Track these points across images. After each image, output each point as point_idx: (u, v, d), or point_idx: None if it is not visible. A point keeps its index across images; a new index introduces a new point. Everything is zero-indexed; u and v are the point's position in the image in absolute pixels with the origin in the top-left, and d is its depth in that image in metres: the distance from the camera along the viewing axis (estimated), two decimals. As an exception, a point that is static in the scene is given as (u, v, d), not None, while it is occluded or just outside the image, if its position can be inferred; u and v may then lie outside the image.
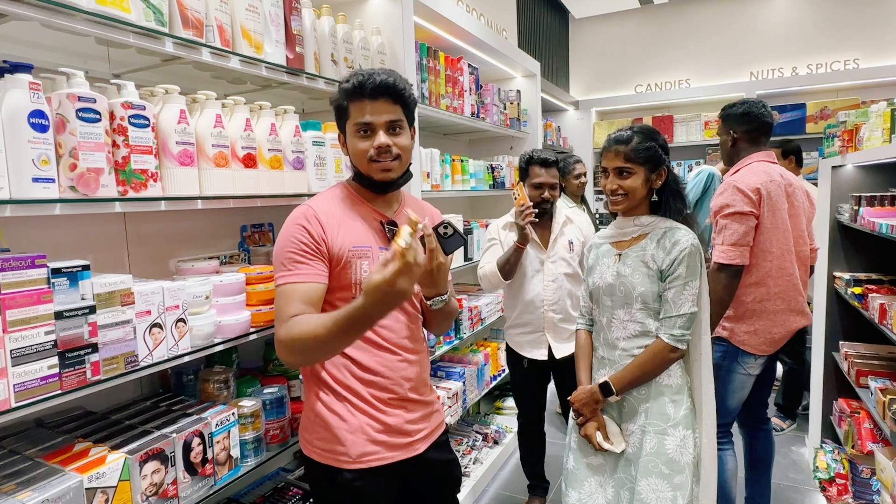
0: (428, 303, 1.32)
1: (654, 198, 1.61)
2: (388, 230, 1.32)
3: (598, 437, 1.58)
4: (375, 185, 1.32)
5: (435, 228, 1.12)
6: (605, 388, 1.58)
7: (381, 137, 1.25)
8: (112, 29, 1.15)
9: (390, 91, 1.25)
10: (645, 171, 1.56)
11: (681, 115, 5.41)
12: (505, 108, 3.40)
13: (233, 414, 1.44)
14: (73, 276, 1.07)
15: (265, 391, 1.62)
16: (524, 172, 2.32)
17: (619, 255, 1.63)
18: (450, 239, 1.12)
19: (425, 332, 1.48)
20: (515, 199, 2.21)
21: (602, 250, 1.70)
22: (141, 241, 1.62)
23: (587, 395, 1.62)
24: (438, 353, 2.54)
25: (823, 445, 2.85)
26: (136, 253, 1.60)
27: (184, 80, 1.60)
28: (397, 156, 1.28)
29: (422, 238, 1.05)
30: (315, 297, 1.22)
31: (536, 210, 2.20)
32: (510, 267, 2.23)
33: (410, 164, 1.36)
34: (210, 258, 1.68)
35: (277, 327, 1.18)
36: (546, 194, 2.29)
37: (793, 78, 5.00)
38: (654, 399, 1.56)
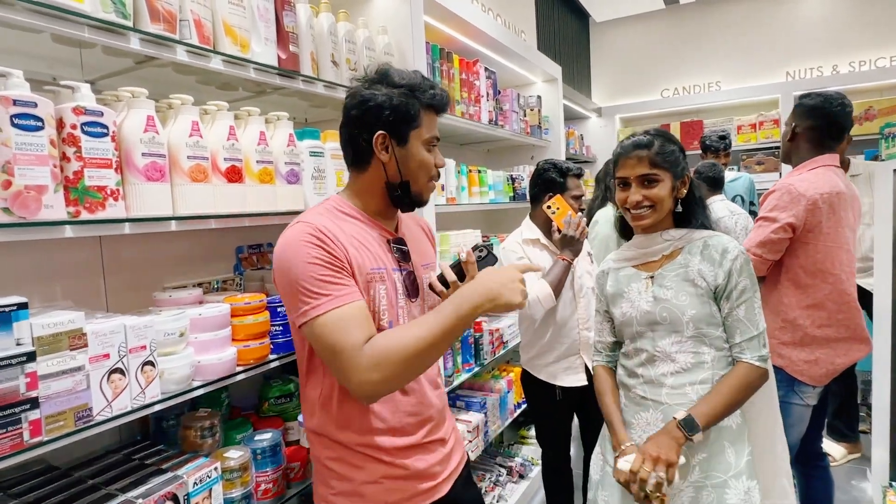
0: None
1: (679, 208, 1.42)
2: (396, 248, 1.19)
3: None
4: (413, 204, 1.19)
5: (473, 249, 1.16)
6: (687, 425, 1.25)
7: (440, 157, 1.20)
8: (61, 21, 0.98)
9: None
10: (671, 178, 1.37)
11: (711, 119, 5.11)
12: (525, 115, 3.19)
13: (215, 469, 1.23)
14: (6, 316, 0.89)
15: (256, 437, 1.42)
16: (560, 186, 2.10)
17: (652, 277, 1.41)
18: (483, 260, 1.17)
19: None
20: (554, 213, 2.03)
21: (624, 274, 1.47)
22: (120, 268, 1.43)
23: (667, 438, 1.26)
24: (457, 381, 2.30)
25: (893, 484, 2.52)
26: (115, 281, 1.42)
27: (165, 86, 1.42)
28: None
29: (457, 266, 1.14)
30: (370, 318, 1.05)
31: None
32: (561, 287, 2.02)
33: None
34: (198, 284, 1.50)
35: (350, 358, 0.98)
36: (581, 206, 2.15)
37: (833, 77, 4.69)
38: (711, 445, 1.31)
